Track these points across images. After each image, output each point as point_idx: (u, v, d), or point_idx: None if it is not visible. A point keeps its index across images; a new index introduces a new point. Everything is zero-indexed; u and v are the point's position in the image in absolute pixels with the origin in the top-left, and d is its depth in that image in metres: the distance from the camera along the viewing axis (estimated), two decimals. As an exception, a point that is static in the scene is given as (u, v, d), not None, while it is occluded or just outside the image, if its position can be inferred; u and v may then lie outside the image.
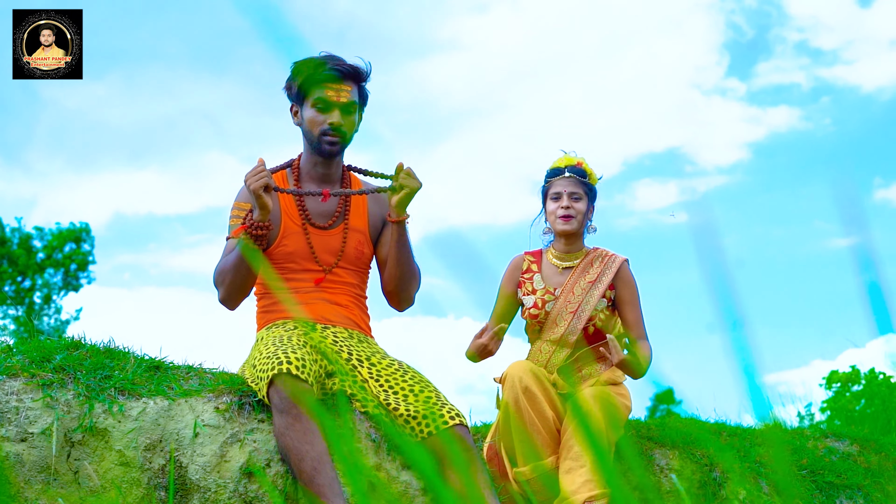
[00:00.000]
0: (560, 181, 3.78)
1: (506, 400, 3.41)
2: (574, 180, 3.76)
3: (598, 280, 3.72)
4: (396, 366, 3.14)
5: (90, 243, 25.77)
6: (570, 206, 3.73)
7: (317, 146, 3.27)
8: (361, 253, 3.34)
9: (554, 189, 3.79)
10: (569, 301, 3.70)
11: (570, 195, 3.75)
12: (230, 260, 3.13)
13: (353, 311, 3.31)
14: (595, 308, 3.68)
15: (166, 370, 3.05)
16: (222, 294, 3.19)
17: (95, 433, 2.75)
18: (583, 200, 3.76)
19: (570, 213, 3.73)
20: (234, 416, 2.89)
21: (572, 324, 3.67)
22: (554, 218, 3.77)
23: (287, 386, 2.76)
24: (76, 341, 3.08)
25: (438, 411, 2.97)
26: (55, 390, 2.78)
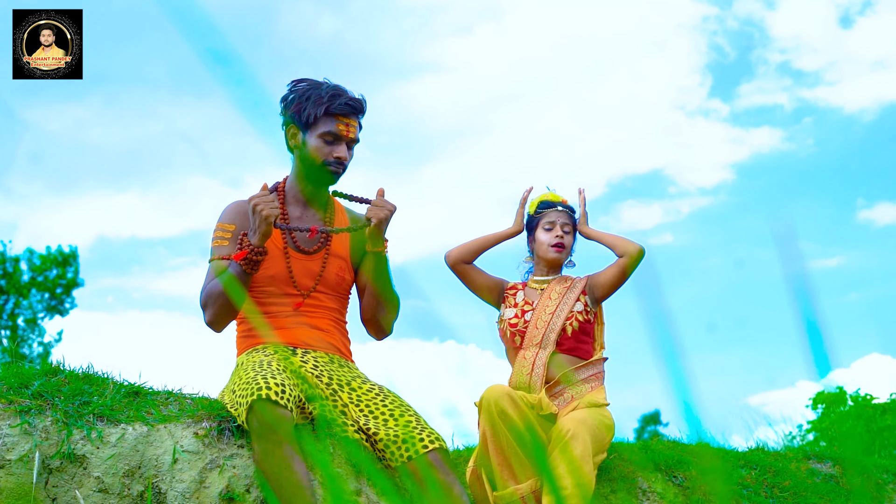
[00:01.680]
0: (554, 213, 4.02)
1: (482, 425, 3.43)
2: (567, 214, 4.03)
3: (573, 287, 3.94)
4: (377, 390, 3.13)
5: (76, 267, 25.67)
6: (563, 237, 3.98)
7: (317, 175, 3.29)
8: (342, 279, 3.34)
9: (547, 219, 4.02)
10: (546, 305, 3.89)
11: (563, 226, 4.00)
12: (220, 283, 3.12)
13: (334, 336, 3.31)
14: (572, 309, 3.85)
15: (145, 396, 3.03)
16: (209, 316, 3.18)
17: (74, 460, 2.73)
18: (571, 235, 4.02)
19: (563, 244, 3.98)
20: (213, 442, 2.88)
21: (551, 323, 3.83)
22: (546, 247, 3.99)
23: (266, 412, 2.75)
24: (55, 367, 3.07)
25: (418, 435, 2.96)
26: (33, 417, 2.76)
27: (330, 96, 3.24)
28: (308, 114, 3.25)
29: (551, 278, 4.00)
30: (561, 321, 3.82)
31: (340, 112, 3.24)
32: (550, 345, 3.80)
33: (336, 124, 3.25)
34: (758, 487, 4.08)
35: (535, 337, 3.83)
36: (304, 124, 3.28)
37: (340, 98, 3.25)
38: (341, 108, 3.24)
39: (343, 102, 3.24)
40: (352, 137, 3.28)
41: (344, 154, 3.27)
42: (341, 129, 3.25)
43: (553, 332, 3.81)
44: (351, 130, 3.27)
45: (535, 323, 3.86)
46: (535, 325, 3.85)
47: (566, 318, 3.83)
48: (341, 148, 3.26)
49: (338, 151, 3.26)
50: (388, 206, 3.23)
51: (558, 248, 3.95)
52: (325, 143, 3.26)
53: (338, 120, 3.25)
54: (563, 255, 3.98)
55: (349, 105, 3.25)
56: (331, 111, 3.24)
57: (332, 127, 3.25)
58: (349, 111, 3.26)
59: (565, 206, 4.03)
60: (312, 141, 3.27)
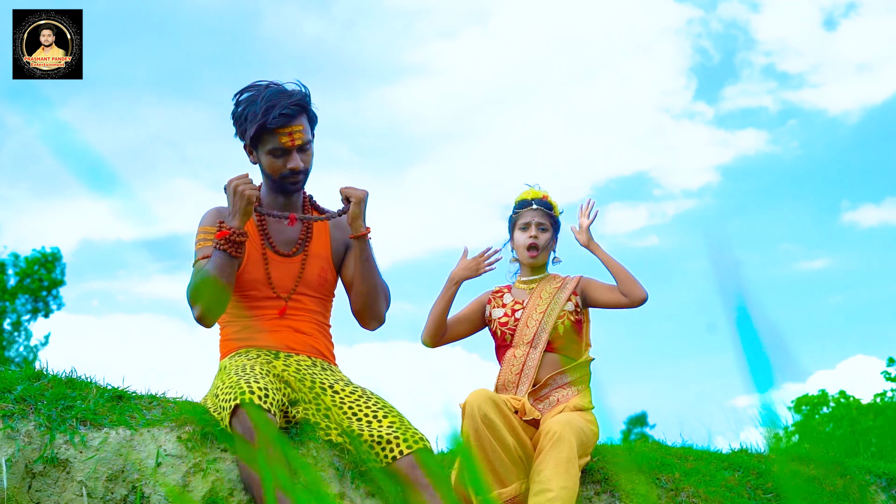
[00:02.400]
0: (528, 212, 4.00)
1: (466, 430, 3.43)
2: (541, 212, 3.99)
3: (563, 286, 3.94)
4: (360, 392, 3.14)
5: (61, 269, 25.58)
6: (538, 237, 3.95)
7: (280, 187, 3.27)
8: (324, 280, 3.34)
9: (522, 220, 4.00)
10: (537, 304, 3.89)
11: (538, 225, 3.97)
12: (208, 271, 3.07)
13: (318, 340, 3.31)
14: (563, 308, 3.85)
15: (129, 400, 3.03)
16: (200, 309, 3.14)
17: (57, 464, 2.73)
18: (548, 232, 3.99)
19: (537, 244, 3.95)
20: (196, 446, 2.88)
21: (543, 322, 3.83)
22: (522, 248, 3.98)
23: (250, 416, 2.75)
24: (38, 371, 3.06)
25: (402, 436, 2.97)
26: (16, 421, 2.76)
27: (264, 111, 3.15)
28: (250, 135, 3.20)
29: (538, 277, 4.00)
30: (553, 319, 3.82)
31: (278, 125, 3.16)
32: (542, 343, 3.80)
33: (279, 138, 3.18)
34: (741, 489, 4.09)
35: (525, 335, 3.84)
36: (253, 144, 3.24)
37: (274, 110, 3.14)
38: (277, 121, 3.15)
39: (277, 114, 3.14)
40: (298, 142, 3.20)
41: (296, 164, 3.20)
42: (285, 141, 3.18)
43: (545, 331, 3.81)
44: (296, 137, 3.19)
45: (525, 321, 3.86)
46: (525, 324, 3.85)
47: (558, 316, 3.83)
48: (291, 158, 3.20)
49: (290, 163, 3.20)
50: (362, 189, 3.22)
51: (532, 251, 3.95)
52: (274, 158, 3.21)
53: (279, 133, 3.17)
54: (540, 256, 3.96)
55: (284, 115, 3.15)
56: (268, 127, 3.16)
57: (275, 143, 3.18)
58: (286, 121, 3.16)
59: (540, 203, 4.00)
60: (264, 158, 3.23)
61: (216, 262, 3.07)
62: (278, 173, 3.23)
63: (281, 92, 3.21)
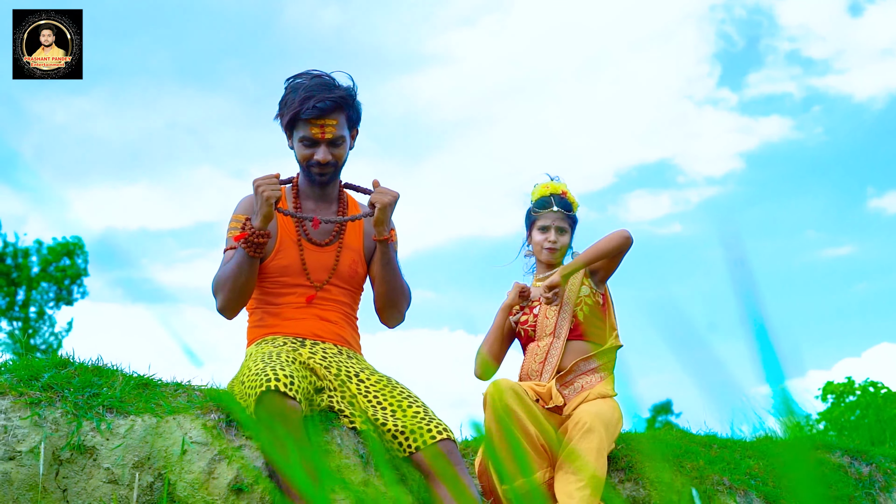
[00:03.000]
0: (548, 214, 3.99)
1: (488, 421, 3.43)
2: (561, 214, 3.99)
3: None
4: (385, 381, 3.15)
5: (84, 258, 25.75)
6: (557, 241, 3.97)
7: (308, 176, 3.30)
8: (355, 272, 3.35)
9: (542, 221, 4.00)
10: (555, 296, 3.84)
11: (558, 229, 3.98)
12: (229, 267, 3.14)
13: (343, 328, 3.32)
14: (579, 294, 3.84)
15: (154, 387, 3.05)
16: (221, 302, 3.20)
17: (83, 451, 2.75)
18: (567, 234, 4.00)
19: (556, 247, 3.97)
20: (221, 433, 2.89)
21: (562, 311, 3.83)
22: (540, 248, 4.00)
23: (275, 403, 2.77)
24: (64, 359, 3.09)
25: (426, 426, 2.97)
26: (43, 409, 2.78)
27: (301, 101, 3.19)
28: (286, 121, 3.25)
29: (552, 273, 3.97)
30: (571, 307, 3.82)
31: (311, 116, 3.19)
32: (564, 332, 3.80)
33: (310, 129, 3.21)
34: (765, 477, 4.08)
35: (547, 327, 3.84)
36: (287, 132, 3.30)
37: (310, 102, 3.18)
38: (310, 112, 3.18)
39: (311, 106, 3.17)
40: (328, 136, 3.23)
41: (322, 156, 3.23)
42: (315, 132, 3.22)
43: (565, 320, 3.81)
44: (327, 131, 3.22)
45: (544, 314, 3.86)
46: (545, 316, 3.86)
47: (575, 303, 3.83)
48: (319, 150, 3.24)
49: (317, 154, 3.24)
50: (392, 193, 3.22)
51: (552, 251, 3.96)
52: (304, 147, 3.25)
53: (311, 124, 3.21)
54: (558, 257, 3.98)
55: (317, 108, 3.18)
56: (301, 117, 3.20)
57: (306, 132, 3.22)
58: (319, 114, 3.19)
59: (561, 204, 3.99)
60: (295, 145, 3.29)
61: (236, 261, 3.12)
62: (305, 163, 3.27)
63: (324, 84, 3.23)
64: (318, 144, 3.24)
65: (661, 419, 31.53)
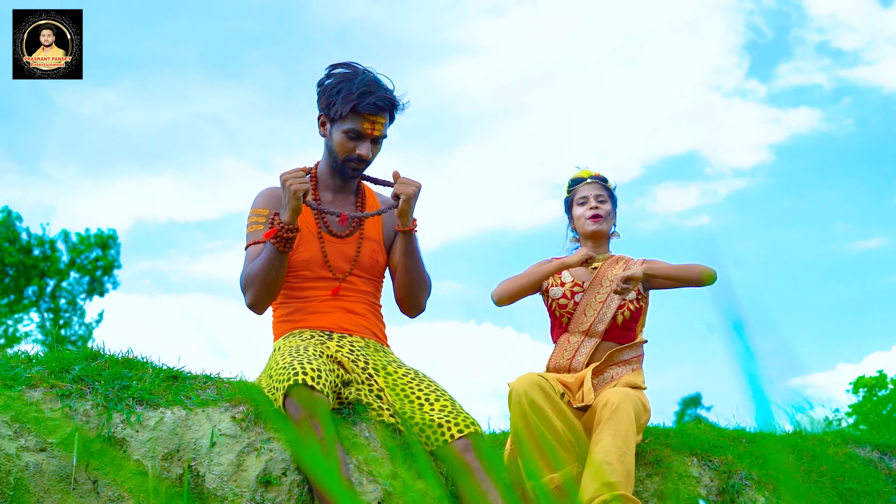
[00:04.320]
0: (585, 186, 3.97)
1: (513, 416, 3.41)
2: (598, 184, 3.96)
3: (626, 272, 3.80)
4: (412, 375, 3.15)
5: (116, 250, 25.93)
6: (598, 207, 3.90)
7: (340, 168, 3.30)
8: (376, 261, 3.36)
9: (580, 194, 3.96)
10: (597, 292, 3.82)
11: (597, 197, 3.93)
12: (259, 263, 3.14)
13: (370, 320, 3.33)
14: (625, 297, 3.77)
15: (184, 380, 3.07)
16: (251, 298, 3.21)
17: (114, 443, 2.77)
18: (608, 203, 3.94)
19: (599, 213, 3.90)
20: (250, 426, 2.91)
21: (601, 313, 3.78)
22: (583, 221, 3.93)
23: (303, 397, 2.78)
24: (95, 351, 3.11)
25: (454, 420, 2.97)
26: (74, 400, 2.80)
27: (360, 93, 3.19)
28: (336, 109, 3.22)
29: (601, 255, 3.92)
30: (612, 311, 3.77)
31: (368, 111, 3.20)
32: (597, 334, 3.77)
33: (362, 122, 3.21)
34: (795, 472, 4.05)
35: (582, 324, 3.79)
36: (332, 117, 3.27)
37: (370, 97, 3.19)
38: (368, 107, 3.19)
39: (371, 102, 3.18)
40: (377, 133, 3.24)
41: (366, 152, 3.24)
42: (366, 127, 3.22)
43: (602, 322, 3.76)
44: (377, 128, 3.23)
45: (584, 309, 3.80)
46: (583, 312, 3.80)
47: (618, 307, 3.78)
48: (364, 145, 3.24)
49: (360, 149, 3.24)
50: (414, 183, 3.22)
51: (595, 219, 3.89)
52: (348, 139, 3.24)
53: (364, 118, 3.21)
54: (604, 225, 3.90)
55: (377, 105, 3.20)
56: (357, 110, 3.20)
57: (357, 125, 3.22)
58: (376, 110, 3.21)
59: (595, 178, 3.98)
60: (337, 135, 3.26)
61: (266, 257, 3.12)
62: (344, 154, 3.27)
63: (378, 82, 3.25)
64: (364, 140, 3.24)
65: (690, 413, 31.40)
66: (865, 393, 16.29)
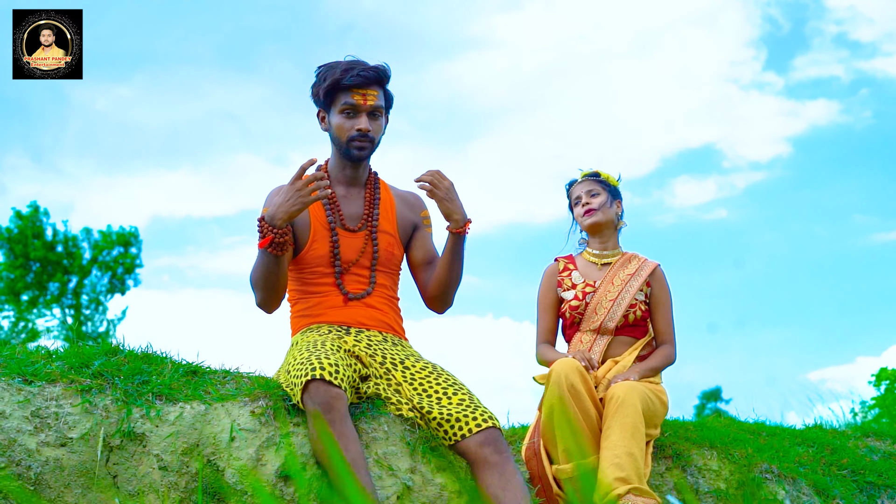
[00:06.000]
0: (577, 186, 4.05)
1: (550, 397, 3.41)
2: (588, 181, 4.02)
3: (637, 274, 3.88)
4: (430, 369, 3.15)
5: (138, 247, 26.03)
6: (590, 202, 3.95)
7: (346, 151, 3.30)
8: (392, 255, 3.35)
9: (574, 195, 4.04)
10: (608, 291, 3.84)
11: (588, 192, 3.98)
12: (259, 269, 3.14)
13: (388, 314, 3.33)
14: (635, 297, 3.82)
15: (203, 375, 3.08)
16: (258, 300, 3.22)
17: (134, 438, 2.78)
18: (601, 195, 3.97)
19: (591, 206, 3.94)
20: (269, 420, 2.91)
21: (612, 311, 3.80)
22: (580, 219, 3.99)
23: (321, 392, 2.78)
24: (115, 347, 3.13)
25: (472, 414, 2.98)
26: (94, 396, 2.82)
27: (343, 70, 3.24)
28: (325, 92, 3.26)
29: (611, 252, 3.95)
30: (622, 309, 3.78)
31: (353, 83, 3.22)
32: (609, 332, 3.79)
33: (352, 95, 3.24)
34: (815, 465, 4.04)
35: (593, 322, 3.81)
36: (326, 104, 3.30)
37: (353, 70, 3.23)
38: (353, 79, 3.22)
39: (355, 73, 3.22)
40: (371, 105, 3.25)
41: (365, 125, 3.24)
42: (357, 99, 3.24)
43: (612, 320, 3.78)
44: (369, 99, 3.24)
45: (594, 308, 3.81)
46: (594, 311, 3.81)
47: (629, 305, 3.80)
48: (362, 119, 3.25)
49: (359, 124, 3.25)
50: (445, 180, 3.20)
51: (588, 213, 3.93)
52: (345, 118, 3.26)
53: (353, 91, 3.24)
54: (599, 216, 3.92)
55: (361, 75, 3.23)
56: (343, 84, 3.23)
57: (348, 99, 3.24)
58: (362, 81, 3.23)
59: (586, 176, 4.03)
60: (335, 119, 3.29)
61: (264, 262, 3.11)
62: (346, 135, 3.27)
63: (360, 61, 3.29)
64: (360, 114, 3.25)
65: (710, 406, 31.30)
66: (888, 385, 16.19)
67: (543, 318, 3.95)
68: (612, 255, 3.95)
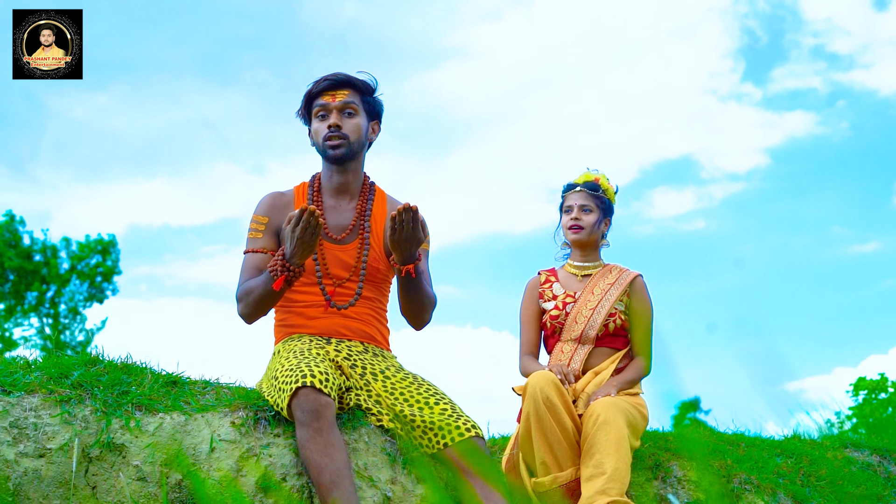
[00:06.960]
0: (572, 195, 4.00)
1: (527, 411, 3.42)
2: (585, 194, 3.97)
3: (616, 283, 3.89)
4: (411, 378, 3.15)
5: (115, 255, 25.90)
6: (580, 218, 3.93)
7: (323, 153, 3.34)
8: (376, 269, 3.34)
9: (566, 203, 4.01)
10: (588, 300, 3.86)
11: (581, 208, 3.95)
12: (258, 290, 3.12)
13: (370, 325, 3.32)
14: (614, 307, 3.83)
15: (183, 385, 3.07)
16: (243, 311, 3.20)
17: (113, 448, 2.77)
18: (593, 213, 3.95)
19: (580, 224, 3.93)
20: (249, 431, 2.91)
21: (591, 319, 3.81)
22: (565, 230, 3.98)
23: (310, 399, 2.78)
24: (94, 357, 3.11)
25: (454, 423, 2.98)
26: (73, 406, 2.80)
27: (316, 82, 3.36)
28: (304, 105, 3.39)
29: (592, 265, 3.97)
30: (602, 318, 3.79)
31: (323, 88, 3.34)
32: (589, 342, 3.79)
33: (322, 98, 3.34)
34: (794, 476, 4.05)
35: (573, 331, 3.81)
36: (307, 118, 3.41)
37: (324, 79, 3.36)
38: (323, 84, 3.34)
39: (324, 79, 3.35)
40: (340, 101, 3.33)
41: (335, 121, 3.31)
42: (327, 99, 3.33)
43: (592, 329, 3.79)
44: (338, 96, 3.34)
45: (574, 317, 3.82)
46: (574, 320, 3.82)
47: (608, 314, 3.81)
48: (332, 115, 3.32)
49: (330, 119, 3.32)
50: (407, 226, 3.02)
51: (575, 230, 3.93)
52: (320, 121, 3.35)
53: (323, 94, 3.35)
54: (583, 235, 3.93)
55: (329, 79, 3.35)
56: (315, 93, 3.35)
57: (319, 101, 3.35)
58: (331, 84, 3.35)
59: (586, 185, 3.99)
60: (313, 126, 3.38)
61: (268, 290, 3.10)
62: (321, 136, 3.33)
63: (338, 71, 3.39)
64: (330, 112, 3.34)
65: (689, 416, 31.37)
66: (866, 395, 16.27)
67: (526, 329, 3.96)
68: (594, 266, 3.97)
